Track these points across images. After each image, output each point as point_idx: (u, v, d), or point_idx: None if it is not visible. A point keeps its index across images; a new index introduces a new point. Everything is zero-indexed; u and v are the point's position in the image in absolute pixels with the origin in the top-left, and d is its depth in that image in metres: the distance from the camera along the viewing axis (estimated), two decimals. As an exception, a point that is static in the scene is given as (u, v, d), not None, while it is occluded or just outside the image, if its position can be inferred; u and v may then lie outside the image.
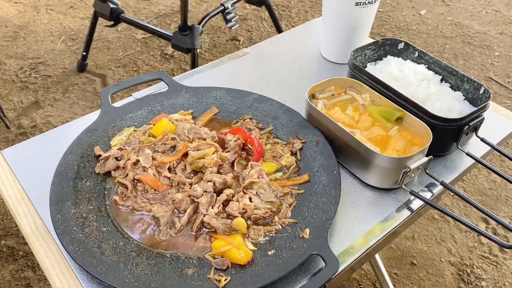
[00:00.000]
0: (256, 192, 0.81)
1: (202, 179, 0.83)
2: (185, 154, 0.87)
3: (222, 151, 0.88)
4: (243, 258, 0.70)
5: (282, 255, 0.71)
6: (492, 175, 2.03)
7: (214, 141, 0.90)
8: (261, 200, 0.80)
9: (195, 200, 0.78)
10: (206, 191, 0.79)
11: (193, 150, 0.86)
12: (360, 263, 0.77)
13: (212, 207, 0.77)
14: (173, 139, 0.90)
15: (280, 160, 0.88)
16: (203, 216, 0.76)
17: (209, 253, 0.72)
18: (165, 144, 0.89)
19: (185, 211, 0.77)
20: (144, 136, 0.91)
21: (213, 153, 0.86)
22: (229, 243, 0.72)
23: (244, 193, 0.81)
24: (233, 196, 0.80)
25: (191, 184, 0.82)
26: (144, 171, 0.83)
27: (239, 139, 0.89)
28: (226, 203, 0.79)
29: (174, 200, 0.78)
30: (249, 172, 0.83)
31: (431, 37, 2.89)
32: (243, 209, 0.77)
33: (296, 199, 0.81)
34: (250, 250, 0.72)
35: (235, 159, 0.87)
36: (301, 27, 1.35)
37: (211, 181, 0.81)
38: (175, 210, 0.78)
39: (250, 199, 0.80)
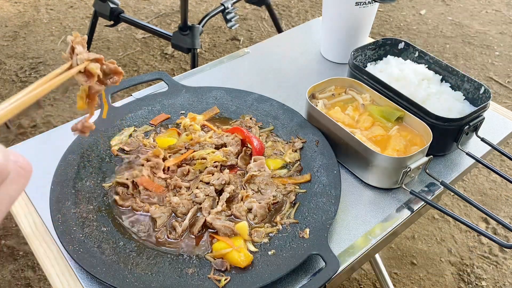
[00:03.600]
0: (258, 188, 0.81)
1: (200, 180, 0.83)
2: (188, 160, 0.87)
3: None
4: (243, 261, 0.70)
5: (282, 255, 0.71)
6: (492, 175, 2.03)
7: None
8: (263, 196, 0.80)
9: (199, 206, 0.78)
10: (208, 195, 0.79)
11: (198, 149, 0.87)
12: (360, 263, 0.77)
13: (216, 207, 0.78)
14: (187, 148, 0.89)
15: (284, 157, 0.88)
16: (206, 217, 0.76)
17: (209, 253, 0.72)
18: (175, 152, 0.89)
19: (182, 214, 0.77)
20: (148, 139, 0.91)
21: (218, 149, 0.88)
22: (229, 246, 0.72)
23: (245, 188, 0.82)
24: (234, 191, 0.80)
25: (187, 188, 0.82)
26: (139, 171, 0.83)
27: (236, 136, 0.89)
28: (231, 198, 0.80)
29: (171, 203, 0.78)
30: (250, 165, 0.84)
31: (431, 37, 2.89)
32: (248, 209, 0.78)
33: (297, 199, 0.81)
34: (251, 252, 0.72)
35: (239, 152, 0.88)
36: (301, 27, 1.35)
37: (208, 182, 0.81)
38: (173, 214, 0.78)
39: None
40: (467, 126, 0.86)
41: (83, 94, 0.59)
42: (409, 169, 0.80)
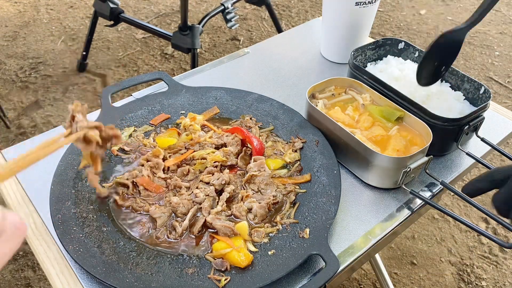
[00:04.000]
0: (258, 188, 0.81)
1: (200, 180, 0.83)
2: (188, 160, 0.87)
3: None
4: (243, 261, 0.70)
5: (282, 255, 0.71)
6: (492, 175, 2.03)
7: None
8: (263, 196, 0.80)
9: (199, 206, 0.78)
10: (208, 195, 0.79)
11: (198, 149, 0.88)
12: (360, 263, 0.77)
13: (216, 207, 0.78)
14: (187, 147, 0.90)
15: (284, 157, 0.88)
16: (206, 217, 0.76)
17: (209, 253, 0.72)
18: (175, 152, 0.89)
19: (182, 214, 0.77)
20: (148, 139, 0.91)
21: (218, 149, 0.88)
22: (229, 246, 0.72)
23: (245, 188, 0.82)
24: (234, 191, 0.80)
25: (187, 188, 0.82)
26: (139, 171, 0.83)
27: (236, 136, 0.89)
28: (231, 198, 0.80)
29: (171, 203, 0.78)
30: (250, 165, 0.84)
31: (431, 36, 2.89)
32: (248, 209, 0.78)
33: (297, 199, 0.81)
34: (251, 252, 0.72)
35: (239, 152, 0.88)
36: (301, 27, 1.35)
37: (208, 182, 0.81)
38: (173, 214, 0.78)
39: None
40: (467, 126, 0.86)
41: (87, 157, 0.64)
42: (409, 169, 0.80)
